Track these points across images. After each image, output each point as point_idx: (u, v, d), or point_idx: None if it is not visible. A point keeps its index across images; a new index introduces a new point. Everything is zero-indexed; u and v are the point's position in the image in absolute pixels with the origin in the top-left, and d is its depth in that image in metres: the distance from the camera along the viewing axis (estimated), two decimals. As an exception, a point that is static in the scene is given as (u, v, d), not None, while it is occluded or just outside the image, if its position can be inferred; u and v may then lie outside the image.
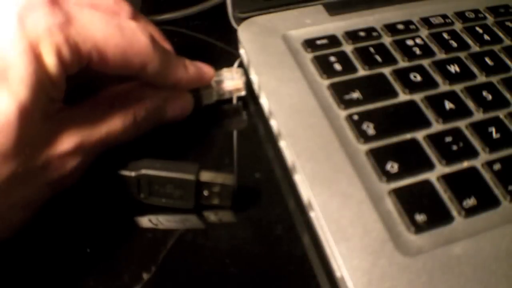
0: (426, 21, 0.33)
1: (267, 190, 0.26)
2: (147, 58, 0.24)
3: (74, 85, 0.23)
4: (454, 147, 0.25)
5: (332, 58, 0.30)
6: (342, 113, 0.27)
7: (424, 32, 0.32)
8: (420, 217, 0.22)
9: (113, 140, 0.24)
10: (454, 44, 0.31)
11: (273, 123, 0.27)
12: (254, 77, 0.30)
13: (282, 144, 0.26)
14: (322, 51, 0.30)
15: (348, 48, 0.31)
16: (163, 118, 0.27)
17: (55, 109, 0.22)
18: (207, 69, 0.28)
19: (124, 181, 0.24)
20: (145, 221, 0.25)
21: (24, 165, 0.20)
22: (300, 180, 0.24)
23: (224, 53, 0.35)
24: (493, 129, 0.26)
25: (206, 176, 0.24)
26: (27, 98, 0.20)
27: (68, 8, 0.22)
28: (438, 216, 0.23)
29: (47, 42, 0.21)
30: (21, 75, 0.20)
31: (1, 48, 0.20)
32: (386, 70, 0.29)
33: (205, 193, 0.24)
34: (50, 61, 0.21)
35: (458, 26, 0.33)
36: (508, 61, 0.30)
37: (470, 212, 0.23)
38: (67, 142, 0.22)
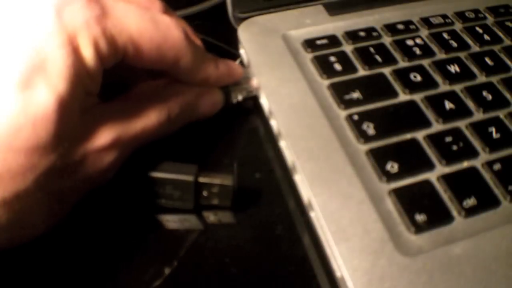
0: (426, 21, 0.33)
1: (267, 190, 0.26)
2: (180, 52, 0.24)
3: (107, 82, 0.23)
4: (454, 147, 0.25)
5: (332, 58, 0.30)
6: (342, 113, 0.27)
7: (424, 32, 0.32)
8: (420, 217, 0.22)
9: (148, 136, 0.24)
10: (454, 44, 0.31)
11: (273, 123, 0.27)
12: (252, 77, 0.30)
13: (282, 144, 0.26)
14: (322, 51, 0.30)
15: (348, 48, 0.31)
16: (195, 115, 0.27)
17: (92, 103, 0.23)
18: (236, 66, 0.28)
19: (124, 182, 0.24)
20: (145, 222, 0.25)
21: (62, 159, 0.21)
22: (300, 180, 0.24)
23: (224, 53, 0.35)
24: (493, 129, 0.26)
25: (204, 177, 0.24)
26: (65, 91, 0.20)
27: (104, 1, 0.22)
28: (438, 216, 0.23)
29: (85, 34, 0.21)
30: (59, 68, 0.20)
31: (39, 41, 0.20)
32: (386, 70, 0.29)
33: (205, 193, 0.24)
34: (88, 54, 0.21)
35: (458, 26, 0.33)
36: (508, 61, 0.30)
37: (470, 212, 0.23)
38: (104, 137, 0.22)
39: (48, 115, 0.20)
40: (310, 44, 0.30)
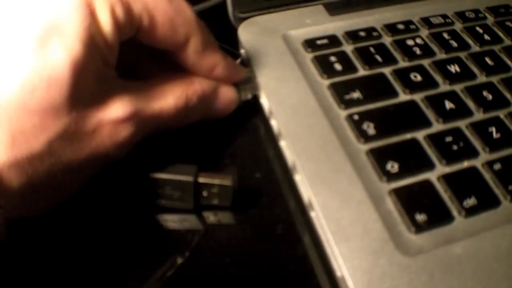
0: (426, 21, 0.33)
1: (267, 190, 0.26)
2: (192, 30, 0.24)
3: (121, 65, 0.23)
4: (455, 147, 0.25)
5: (333, 58, 0.30)
6: (343, 113, 0.27)
7: (424, 32, 0.32)
8: (420, 217, 0.22)
9: (164, 121, 0.24)
10: (454, 44, 0.31)
11: (273, 123, 0.27)
12: (254, 77, 0.30)
13: (283, 144, 0.26)
14: (322, 51, 0.30)
15: (348, 48, 0.31)
16: (211, 110, 0.27)
17: (110, 74, 0.22)
18: (239, 66, 0.28)
19: (124, 183, 0.24)
20: (145, 222, 0.25)
21: (76, 124, 0.20)
22: (300, 180, 0.24)
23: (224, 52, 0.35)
24: (493, 129, 0.26)
25: (204, 177, 0.24)
26: (81, 53, 0.20)
27: None
28: (439, 216, 0.23)
29: (101, 0, 0.21)
30: (75, 30, 0.20)
31: (56, 3, 0.20)
32: (387, 70, 0.29)
33: (204, 193, 0.24)
34: (104, 19, 0.21)
35: (458, 26, 0.33)
36: (508, 61, 0.30)
37: (470, 212, 0.23)
38: (121, 109, 0.22)
39: (62, 77, 0.20)
40: (310, 44, 0.30)
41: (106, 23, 0.21)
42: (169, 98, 0.24)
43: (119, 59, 0.23)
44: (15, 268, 0.23)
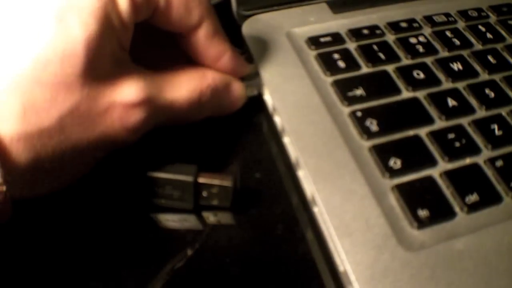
0: (429, 19, 0.33)
1: (269, 189, 0.26)
2: (205, 12, 0.24)
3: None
4: (457, 144, 0.25)
5: (336, 56, 0.30)
6: (346, 110, 0.27)
7: (427, 30, 0.32)
8: (422, 213, 0.23)
9: (176, 112, 0.24)
10: (457, 42, 0.31)
11: (277, 120, 0.27)
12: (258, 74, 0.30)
13: (286, 140, 0.27)
14: (326, 49, 0.30)
15: (351, 45, 0.31)
16: (221, 106, 0.27)
17: (124, 56, 0.22)
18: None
19: (124, 182, 0.24)
20: (145, 222, 0.25)
21: (87, 102, 0.20)
22: (303, 175, 0.25)
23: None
24: (495, 126, 0.26)
25: (204, 177, 0.24)
26: (96, 31, 0.20)
27: None
28: (441, 212, 0.23)
29: None
30: (92, 8, 0.20)
31: None
32: (389, 68, 0.29)
33: (204, 194, 0.24)
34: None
35: (461, 25, 0.33)
36: (510, 59, 0.31)
37: (472, 208, 0.23)
38: (134, 93, 0.22)
39: (76, 53, 0.20)
40: (314, 41, 0.31)
41: (123, 3, 0.21)
42: (183, 90, 0.24)
43: (132, 44, 0.23)
44: (15, 268, 0.23)
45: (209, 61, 0.26)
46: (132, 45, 0.23)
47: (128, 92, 0.22)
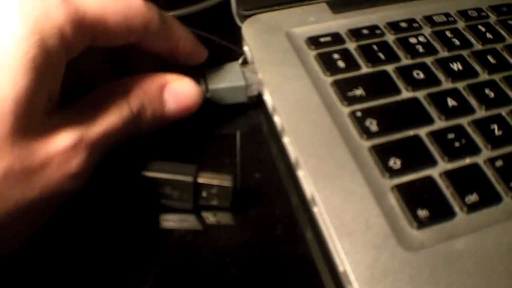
0: (429, 19, 0.33)
1: (270, 187, 0.27)
2: (147, 16, 0.23)
3: (67, 88, 0.23)
4: (457, 144, 0.25)
5: (336, 56, 0.30)
6: (345, 110, 0.27)
7: (427, 30, 0.32)
8: (422, 213, 0.23)
9: (116, 136, 0.23)
10: (457, 42, 0.31)
11: (277, 120, 0.27)
12: (258, 74, 0.30)
13: (286, 140, 0.27)
14: (326, 49, 0.30)
15: (351, 45, 0.31)
16: (165, 110, 0.25)
17: (52, 109, 0.21)
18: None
19: (123, 183, 0.24)
20: (145, 222, 0.25)
21: (21, 162, 0.19)
22: (303, 175, 0.25)
23: (228, 50, 0.35)
24: (495, 126, 0.26)
25: (204, 177, 0.24)
26: (25, 87, 0.19)
27: None
28: (440, 212, 0.23)
29: (49, 25, 0.20)
30: (20, 61, 0.19)
31: (3, 33, 0.19)
32: (389, 68, 0.29)
33: (204, 194, 0.24)
34: (53, 44, 0.20)
35: (460, 25, 0.33)
36: (510, 59, 0.31)
37: (472, 208, 0.23)
38: (66, 138, 0.21)
39: (3, 114, 0.19)
40: (313, 41, 0.31)
41: (55, 48, 0.20)
42: (112, 113, 0.23)
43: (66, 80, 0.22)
44: (14, 268, 0.23)
45: (169, 49, 0.26)
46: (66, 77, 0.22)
47: (60, 140, 0.21)
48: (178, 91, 0.26)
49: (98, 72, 0.26)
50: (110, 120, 0.23)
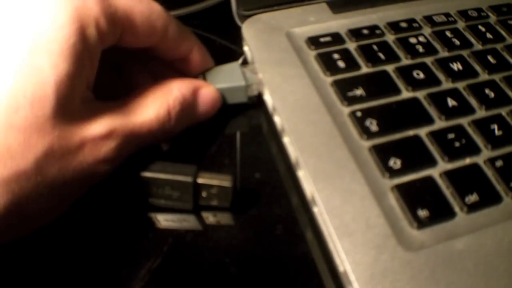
0: (429, 19, 0.33)
1: (270, 187, 0.27)
2: (167, 19, 0.25)
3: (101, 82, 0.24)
4: (457, 144, 0.25)
5: (336, 56, 0.30)
6: (345, 110, 0.27)
7: (427, 30, 0.32)
8: (422, 213, 0.23)
9: (149, 133, 0.24)
10: (457, 42, 0.31)
11: (277, 120, 0.27)
12: (258, 74, 0.30)
13: (286, 140, 0.27)
14: (326, 49, 0.30)
15: (351, 45, 0.31)
16: (195, 114, 0.27)
17: (89, 96, 0.23)
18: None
19: (123, 183, 0.24)
20: (145, 222, 0.25)
21: (60, 142, 0.21)
22: (303, 175, 0.25)
23: (228, 50, 0.35)
24: (495, 126, 0.26)
25: (203, 177, 0.24)
26: (66, 72, 0.20)
27: None
28: (441, 212, 0.23)
29: (87, 14, 0.21)
30: (62, 47, 0.20)
31: (46, 19, 0.20)
32: (389, 68, 0.29)
33: (204, 194, 0.24)
34: (91, 33, 0.21)
35: (461, 25, 0.33)
36: (510, 59, 0.31)
37: (472, 208, 0.23)
38: (101, 126, 0.22)
39: (46, 95, 0.20)
40: (313, 41, 0.31)
41: (92, 36, 0.21)
42: (149, 110, 0.24)
43: (99, 77, 0.23)
44: (12, 268, 0.23)
45: (181, 56, 0.27)
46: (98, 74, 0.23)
47: (95, 127, 0.22)
48: (206, 96, 0.27)
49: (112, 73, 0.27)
50: (146, 116, 0.24)
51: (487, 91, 0.28)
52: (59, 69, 0.20)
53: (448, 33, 0.32)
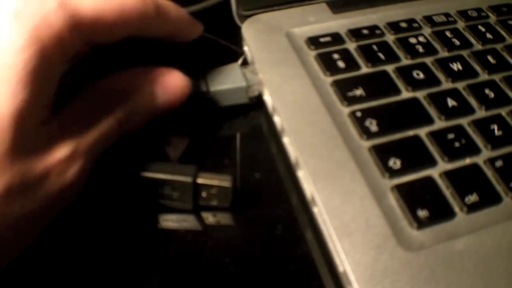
0: (429, 19, 0.33)
1: (270, 187, 0.27)
2: (142, 8, 0.23)
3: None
4: (457, 144, 0.25)
5: (335, 56, 0.30)
6: (345, 110, 0.27)
7: (427, 30, 0.32)
8: (422, 213, 0.23)
9: (109, 138, 0.23)
10: (457, 42, 0.31)
11: (277, 120, 0.27)
12: (258, 74, 0.30)
13: (286, 140, 0.27)
14: (326, 49, 0.30)
15: (351, 45, 0.31)
16: (155, 106, 0.25)
17: (47, 115, 0.21)
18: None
19: (123, 183, 0.24)
20: (145, 222, 0.25)
21: (20, 178, 0.19)
22: (303, 176, 0.25)
23: (228, 50, 0.35)
24: (495, 127, 0.26)
25: (203, 177, 0.24)
26: (24, 101, 0.18)
27: None
28: (440, 212, 0.23)
29: (48, 33, 0.19)
30: (20, 74, 0.18)
31: (1, 43, 0.18)
32: (389, 68, 0.29)
33: (203, 194, 0.24)
34: (53, 53, 0.19)
35: (460, 25, 0.33)
36: (510, 59, 0.31)
37: (472, 208, 0.23)
38: (62, 149, 0.21)
39: (2, 131, 0.18)
40: (313, 41, 0.31)
41: (53, 56, 0.19)
42: (106, 117, 0.22)
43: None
44: (13, 274, 0.22)
45: (166, 35, 0.26)
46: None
47: (57, 150, 0.20)
48: (167, 84, 0.25)
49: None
50: (103, 124, 0.22)
51: (487, 91, 0.28)
52: (18, 99, 0.18)
53: (448, 33, 0.32)
